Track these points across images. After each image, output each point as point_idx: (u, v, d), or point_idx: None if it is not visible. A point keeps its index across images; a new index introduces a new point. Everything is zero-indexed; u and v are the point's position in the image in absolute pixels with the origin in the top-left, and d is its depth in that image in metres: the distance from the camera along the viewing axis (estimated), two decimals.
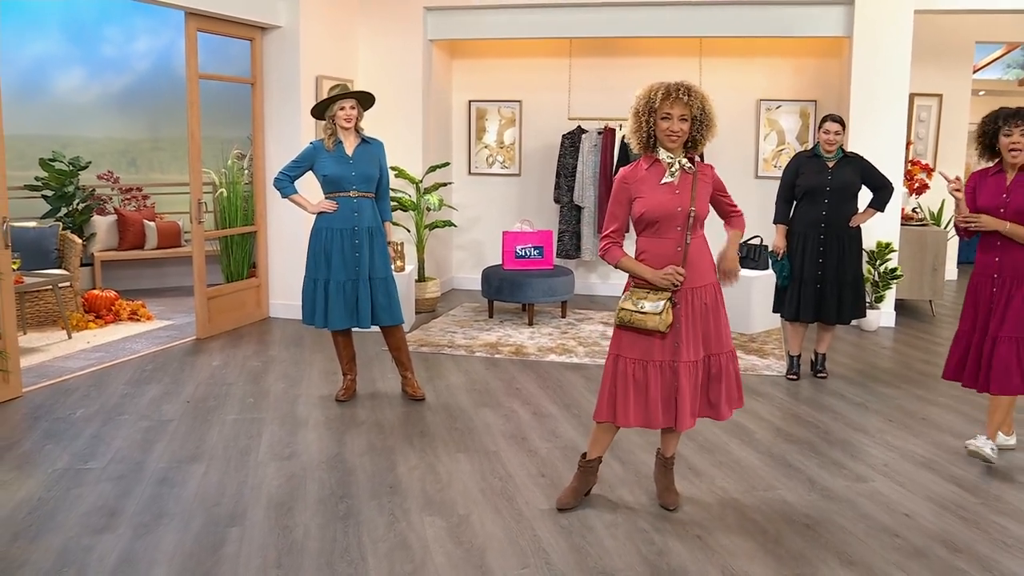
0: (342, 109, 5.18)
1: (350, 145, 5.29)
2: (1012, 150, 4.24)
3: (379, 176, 5.39)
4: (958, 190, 4.42)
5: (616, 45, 8.96)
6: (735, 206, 3.85)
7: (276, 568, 3.33)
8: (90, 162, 8.83)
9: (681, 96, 3.52)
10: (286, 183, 5.36)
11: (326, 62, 7.91)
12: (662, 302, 3.57)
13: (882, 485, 4.20)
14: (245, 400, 5.49)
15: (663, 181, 3.60)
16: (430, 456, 4.55)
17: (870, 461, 4.53)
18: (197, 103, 6.81)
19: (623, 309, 3.65)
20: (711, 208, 3.77)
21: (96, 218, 8.84)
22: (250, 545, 3.52)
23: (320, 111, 5.29)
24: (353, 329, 5.51)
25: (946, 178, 4.53)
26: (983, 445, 4.34)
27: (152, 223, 9.12)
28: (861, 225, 5.93)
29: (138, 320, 7.64)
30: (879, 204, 5.93)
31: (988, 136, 4.38)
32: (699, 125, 3.58)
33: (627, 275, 3.73)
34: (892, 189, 5.94)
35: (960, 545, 3.57)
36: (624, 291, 3.72)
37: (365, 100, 5.35)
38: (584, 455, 3.97)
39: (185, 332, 7.26)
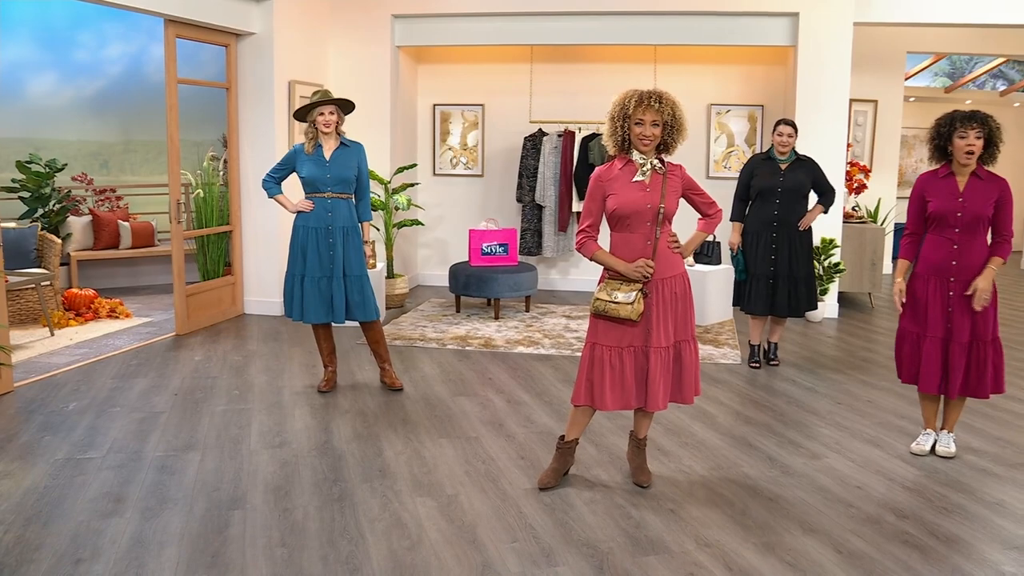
0: (321, 115, 5.43)
1: (329, 148, 5.53)
2: (968, 152, 4.30)
3: (357, 178, 5.63)
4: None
5: (575, 52, 9.31)
6: (713, 203, 4.14)
7: (281, 547, 3.58)
8: (66, 164, 8.94)
9: (653, 103, 3.84)
10: (271, 184, 5.61)
11: (298, 68, 8.14)
12: (634, 293, 3.90)
13: (835, 461, 4.60)
14: (231, 392, 5.71)
15: (634, 180, 3.93)
16: (415, 442, 4.83)
17: (823, 440, 4.93)
18: (176, 107, 6.99)
19: (598, 299, 3.97)
20: (687, 205, 4.10)
21: (71, 219, 8.95)
22: (254, 526, 3.76)
23: (302, 115, 5.53)
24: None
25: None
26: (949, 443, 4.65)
27: (126, 223, 9.26)
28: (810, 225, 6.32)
29: (117, 317, 7.80)
30: (825, 205, 6.34)
31: (942, 138, 4.40)
32: (670, 130, 3.89)
33: (602, 268, 4.05)
34: (835, 194, 6.35)
35: (907, 512, 3.97)
36: (599, 283, 4.05)
37: (345, 106, 5.61)
38: (562, 437, 4.26)
39: (164, 328, 7.44)
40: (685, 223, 4.19)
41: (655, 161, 3.95)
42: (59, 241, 7.74)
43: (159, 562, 3.42)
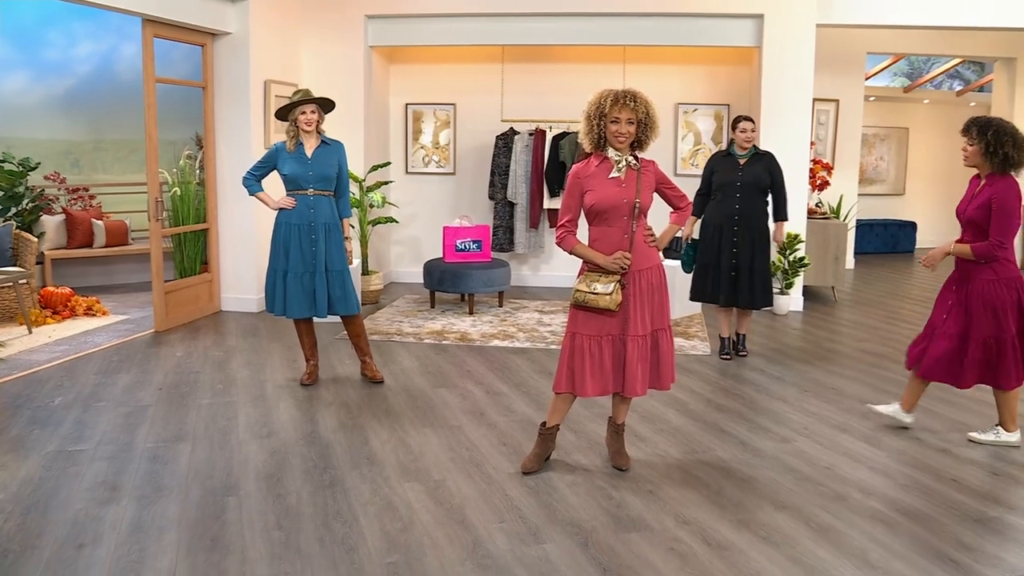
0: (303, 113, 5.55)
1: (310, 147, 5.65)
2: (963, 156, 4.65)
3: (337, 176, 5.76)
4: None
5: (546, 52, 9.49)
6: (683, 197, 4.34)
7: (277, 530, 3.71)
8: (39, 163, 8.94)
9: (628, 102, 4.02)
10: (252, 182, 5.71)
11: (273, 67, 8.24)
12: (612, 284, 4.08)
13: (804, 444, 4.82)
14: (215, 386, 5.81)
15: (611, 176, 4.11)
16: (399, 431, 4.97)
17: (792, 425, 5.15)
18: (154, 105, 7.06)
19: (578, 291, 4.14)
20: (659, 199, 4.30)
21: (44, 217, 8.96)
22: (249, 511, 3.89)
23: (284, 114, 5.64)
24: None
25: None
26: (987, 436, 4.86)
27: (100, 222, 9.28)
28: (769, 222, 6.50)
29: (94, 315, 7.84)
30: (782, 214, 6.53)
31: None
32: (644, 127, 4.08)
33: (581, 261, 4.23)
34: (786, 201, 6.54)
35: (872, 489, 4.19)
36: (579, 275, 4.23)
37: (325, 105, 5.73)
38: (544, 423, 4.44)
39: (142, 325, 7.50)
40: (655, 216, 4.37)
41: (630, 158, 4.13)
42: (35, 240, 7.77)
43: (160, 546, 3.54)
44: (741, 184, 6.36)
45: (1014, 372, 4.65)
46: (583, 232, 4.21)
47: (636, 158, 4.16)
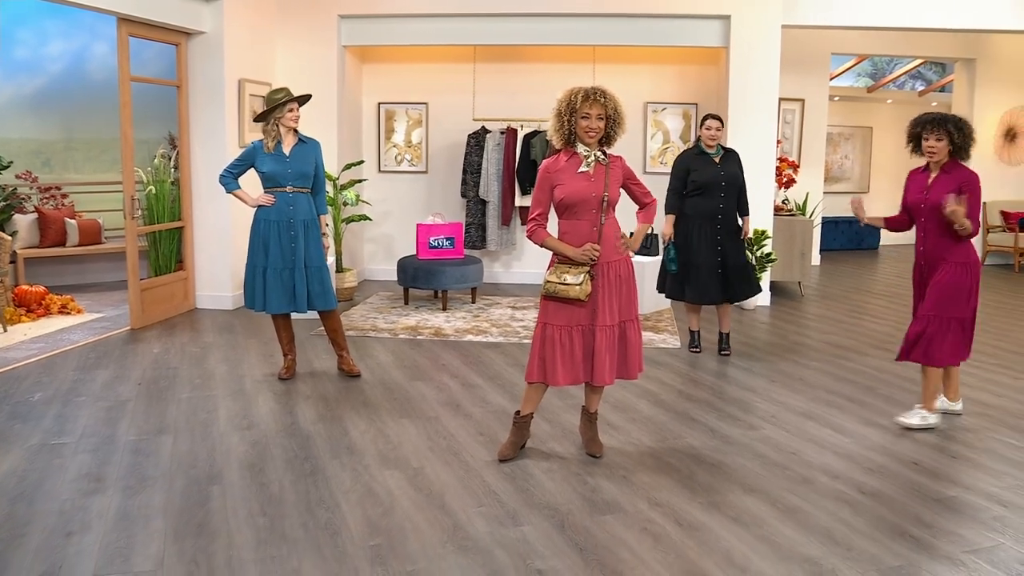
0: (291, 111, 5.64)
1: (288, 145, 5.73)
2: (929, 152, 4.86)
3: (314, 173, 5.85)
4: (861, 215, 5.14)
5: (517, 52, 9.63)
6: (648, 193, 4.48)
7: (262, 516, 3.80)
8: (12, 162, 8.93)
9: (598, 99, 4.17)
10: (229, 180, 5.78)
11: (248, 66, 8.29)
12: (582, 275, 4.22)
13: (771, 431, 4.98)
14: (193, 381, 5.88)
15: (580, 171, 4.25)
16: (377, 422, 5.07)
17: (759, 413, 5.32)
18: (129, 104, 7.10)
19: (549, 282, 4.27)
20: (625, 195, 4.44)
21: (16, 216, 8.96)
22: (234, 499, 3.97)
23: (266, 115, 5.70)
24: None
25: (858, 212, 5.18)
26: (912, 417, 5.03)
27: (73, 221, 9.28)
28: (740, 219, 6.65)
29: (68, 313, 7.86)
30: (746, 209, 6.67)
31: (914, 139, 4.97)
32: (612, 123, 4.23)
33: (551, 253, 4.36)
34: (746, 196, 6.68)
35: (836, 473, 4.36)
36: (549, 268, 4.35)
37: (303, 100, 5.83)
38: (518, 412, 4.56)
39: (118, 323, 7.53)
40: (622, 213, 4.51)
41: (598, 153, 4.27)
42: (9, 238, 7.76)
43: (148, 533, 3.62)
44: (725, 183, 6.47)
45: (966, 349, 5.00)
46: (552, 226, 4.34)
47: (604, 153, 4.30)
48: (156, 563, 3.36)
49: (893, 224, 5.21)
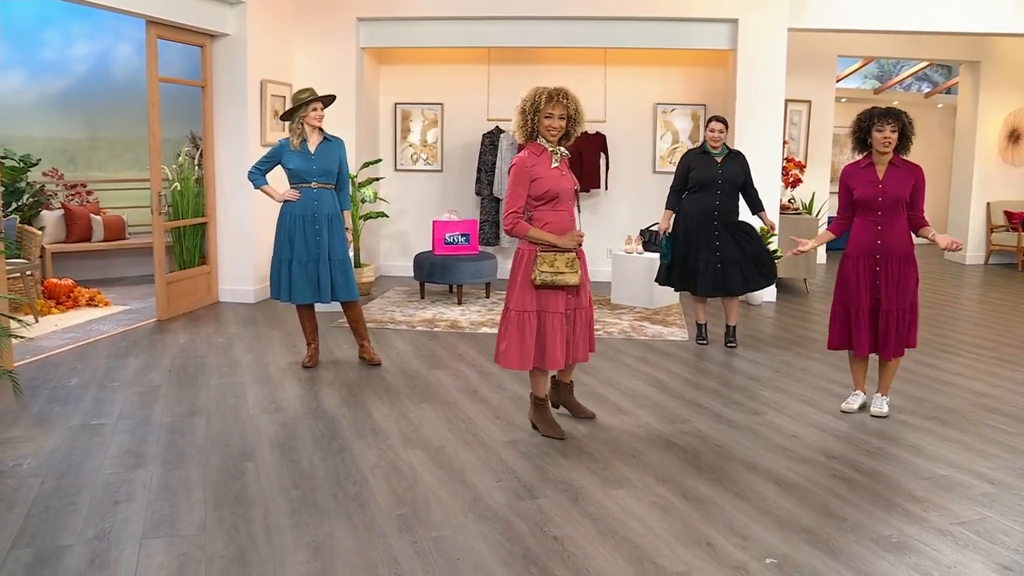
0: (315, 110, 5.91)
1: (314, 142, 5.99)
2: (885, 144, 4.92)
3: (339, 170, 6.11)
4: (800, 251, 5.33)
5: (531, 53, 9.89)
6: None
7: (294, 489, 4.05)
8: (40, 159, 9.23)
9: (561, 99, 4.50)
10: (258, 176, 6.06)
11: (269, 68, 8.57)
12: (572, 261, 4.56)
13: (774, 417, 5.22)
14: (221, 368, 6.14)
15: (553, 166, 4.56)
16: (399, 406, 5.33)
17: (763, 400, 5.56)
18: (157, 104, 7.38)
19: (542, 272, 4.51)
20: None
21: (44, 212, 9.25)
22: (267, 474, 4.23)
23: (291, 114, 5.96)
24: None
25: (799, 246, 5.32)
26: (881, 405, 5.24)
27: (98, 217, 9.57)
28: (743, 216, 6.90)
29: (96, 306, 8.14)
30: (760, 205, 6.92)
31: (863, 131, 5.02)
32: (572, 122, 4.57)
33: (518, 242, 4.66)
34: (758, 194, 6.92)
35: (835, 453, 4.60)
36: (523, 259, 4.60)
37: (328, 101, 6.09)
38: (534, 395, 4.85)
39: (144, 315, 7.81)
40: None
41: (563, 149, 4.62)
42: (39, 233, 8.05)
43: (189, 501, 3.88)
44: (722, 181, 6.71)
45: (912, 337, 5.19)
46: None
47: (565, 150, 4.63)
48: (199, 528, 3.62)
49: (842, 228, 5.24)
